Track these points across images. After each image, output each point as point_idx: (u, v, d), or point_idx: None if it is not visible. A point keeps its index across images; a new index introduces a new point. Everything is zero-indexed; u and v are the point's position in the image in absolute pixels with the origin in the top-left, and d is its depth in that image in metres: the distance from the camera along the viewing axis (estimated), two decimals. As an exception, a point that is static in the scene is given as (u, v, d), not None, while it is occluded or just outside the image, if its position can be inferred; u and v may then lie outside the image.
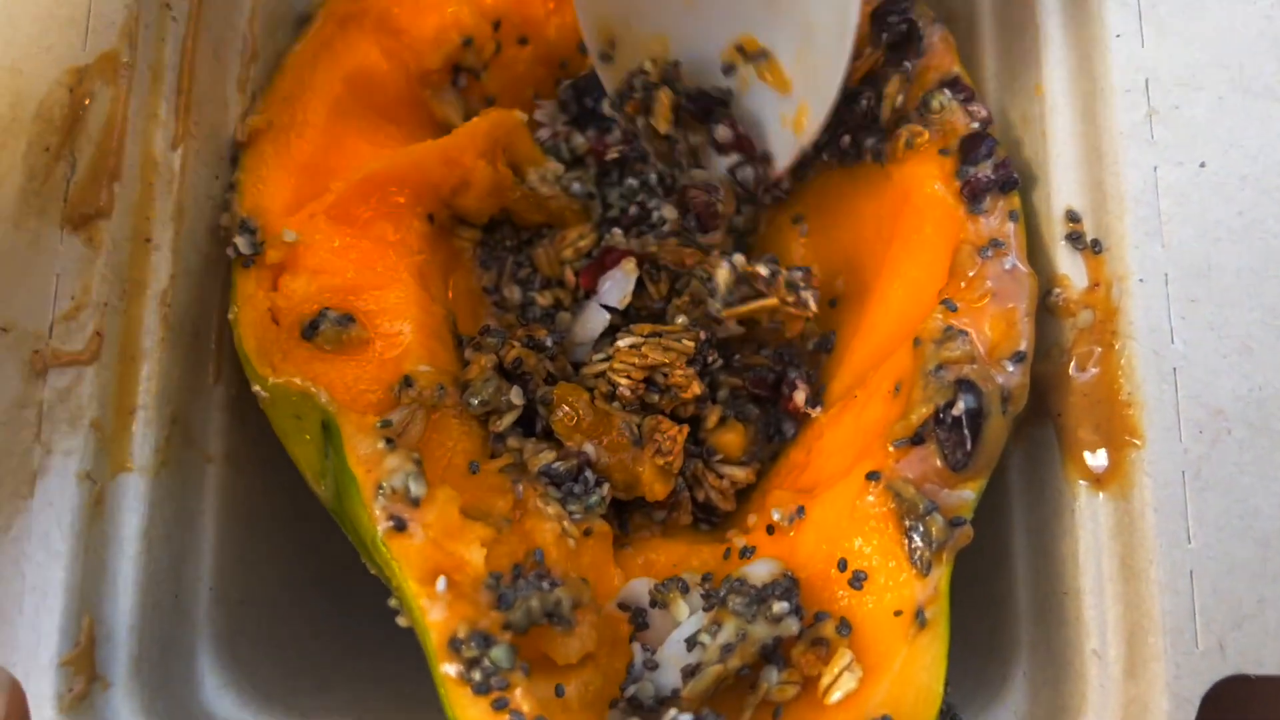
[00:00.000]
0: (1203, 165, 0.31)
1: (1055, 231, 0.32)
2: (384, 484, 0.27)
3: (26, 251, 0.31)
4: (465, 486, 0.29)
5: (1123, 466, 0.30)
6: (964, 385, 0.28)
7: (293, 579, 0.36)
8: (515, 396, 0.32)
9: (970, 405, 0.28)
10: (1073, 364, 0.31)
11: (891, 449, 0.28)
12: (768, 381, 0.35)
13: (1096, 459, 0.30)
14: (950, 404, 0.28)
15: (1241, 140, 0.31)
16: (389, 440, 0.28)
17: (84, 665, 0.29)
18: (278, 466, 0.34)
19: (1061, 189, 0.32)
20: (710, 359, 0.34)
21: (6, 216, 0.31)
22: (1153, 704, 0.28)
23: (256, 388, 0.31)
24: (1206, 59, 0.32)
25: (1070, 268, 0.31)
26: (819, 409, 0.34)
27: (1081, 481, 0.30)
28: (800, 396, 0.34)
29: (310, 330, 0.31)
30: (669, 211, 0.36)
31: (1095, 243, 0.31)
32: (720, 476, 0.33)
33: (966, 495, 0.28)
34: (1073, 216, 0.32)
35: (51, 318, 0.30)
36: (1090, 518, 0.30)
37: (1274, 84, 0.32)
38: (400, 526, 0.27)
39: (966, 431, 0.28)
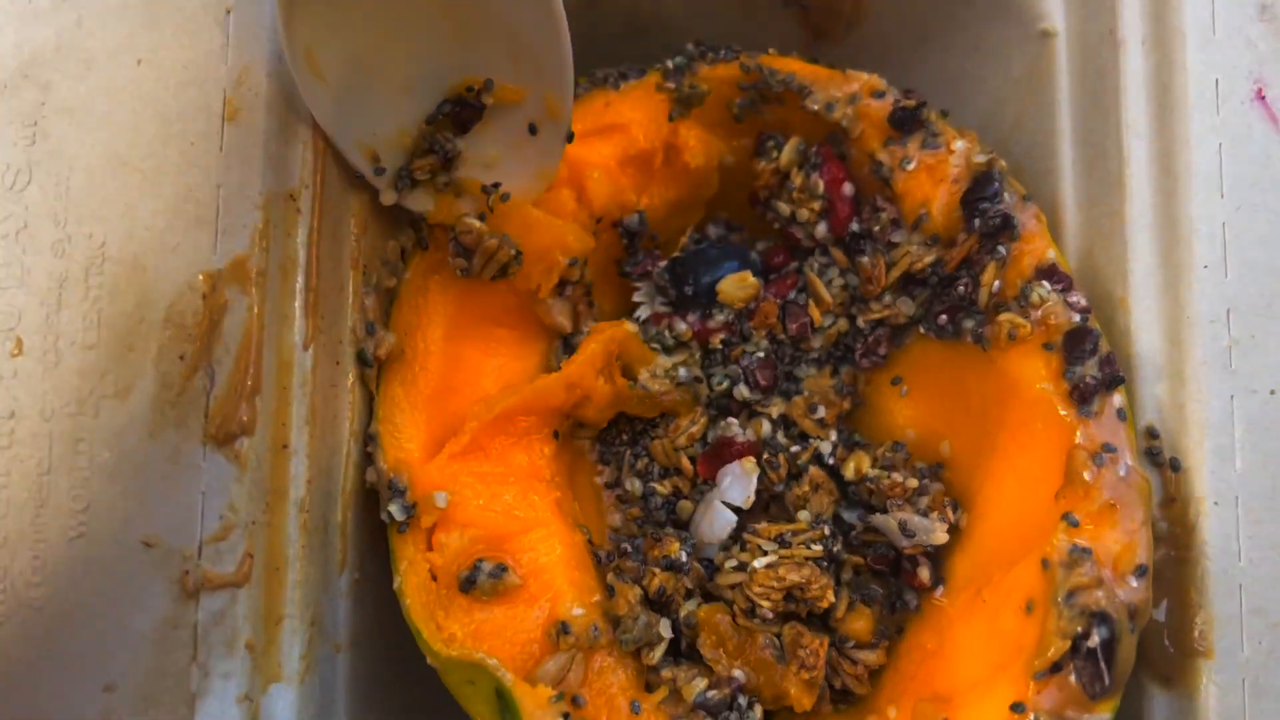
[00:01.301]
0: (1273, 393, 0.34)
1: (1137, 449, 0.34)
2: None
3: (165, 465, 0.31)
4: (630, 730, 0.32)
5: (1190, 672, 0.33)
6: (1097, 618, 0.30)
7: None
8: (664, 630, 0.34)
9: (1104, 636, 0.30)
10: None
11: (1034, 681, 0.31)
12: (889, 558, 0.37)
13: (1167, 660, 0.34)
14: (1085, 635, 0.30)
15: (1305, 366, 0.34)
16: (565, 715, 0.30)
17: None
18: (401, 645, 0.35)
19: (1144, 407, 0.35)
20: (835, 549, 0.36)
21: (141, 425, 0.31)
22: None
23: (429, 659, 0.33)
24: (1280, 287, 0.34)
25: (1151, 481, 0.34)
26: (941, 589, 0.36)
27: (1150, 683, 0.34)
28: (925, 574, 0.36)
29: (468, 584, 0.33)
30: (776, 408, 0.38)
31: (1174, 460, 0.34)
32: (855, 663, 0.36)
33: (1104, 717, 0.31)
34: (1152, 433, 0.34)
35: (200, 537, 0.31)
36: (1156, 713, 0.34)
37: (1338, 317, 0.34)
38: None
39: (1102, 662, 0.30)
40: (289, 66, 0.32)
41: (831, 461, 0.38)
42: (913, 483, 0.36)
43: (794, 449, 0.38)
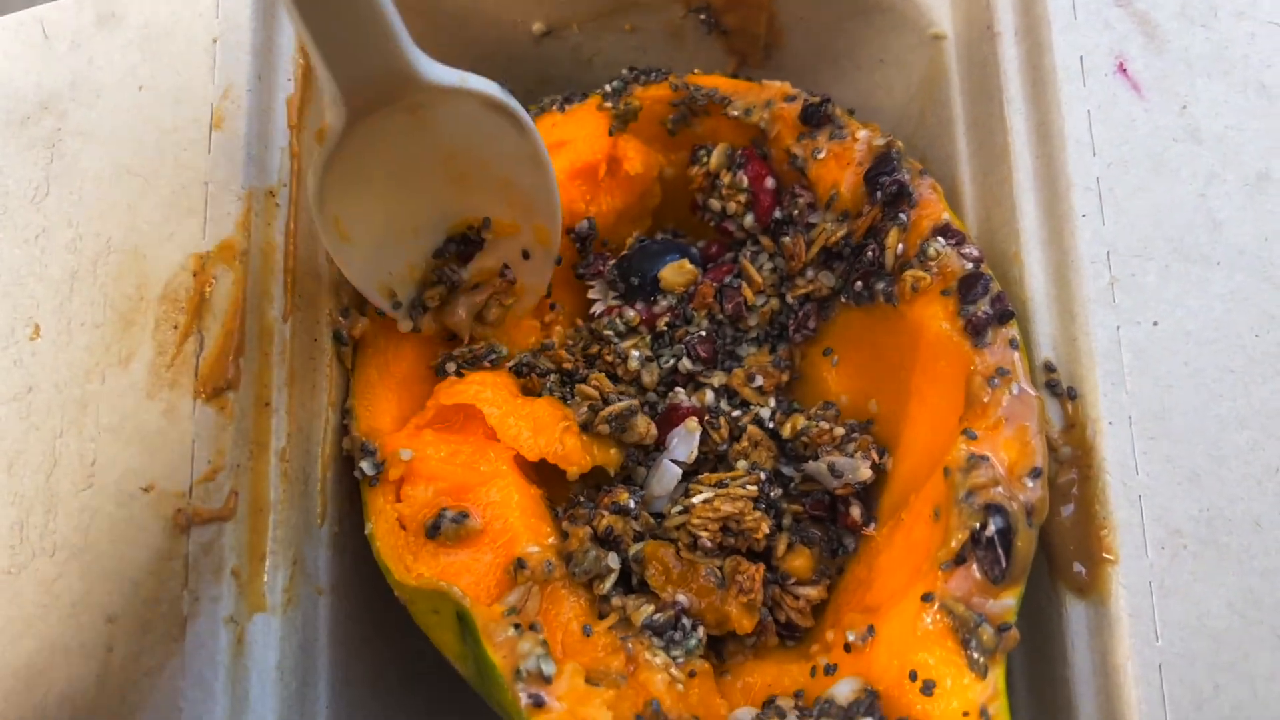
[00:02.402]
0: (1155, 324, 0.37)
1: (1037, 380, 0.38)
2: (520, 668, 0.33)
3: (161, 420, 0.35)
4: (582, 649, 0.35)
5: (1100, 579, 0.36)
6: (992, 509, 0.34)
7: (399, 685, 0.41)
8: (612, 561, 0.37)
9: (1000, 525, 0.33)
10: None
11: (940, 572, 0.34)
12: (825, 503, 0.40)
13: (1077, 571, 0.36)
14: (983, 526, 0.33)
15: (1185, 301, 0.37)
16: (517, 626, 0.34)
17: (236, 788, 0.34)
18: (376, 592, 0.39)
19: (1040, 344, 0.38)
20: (772, 493, 0.39)
21: (140, 387, 0.36)
22: (1133, 777, 0.34)
23: (397, 591, 0.36)
24: (1154, 233, 0.38)
25: (1050, 410, 0.38)
26: (873, 525, 0.39)
27: (1067, 591, 0.37)
28: (856, 512, 0.39)
29: (433, 530, 0.36)
30: (718, 379, 0.42)
31: (1070, 389, 0.37)
32: (796, 598, 0.39)
33: (1008, 603, 0.33)
34: (1049, 367, 0.38)
35: (190, 479, 0.35)
36: (1074, 621, 0.36)
37: (1208, 252, 0.38)
38: (539, 703, 0.32)
39: (1000, 550, 0.33)
40: (320, 234, 0.37)
41: (771, 425, 0.42)
42: (839, 431, 0.40)
43: (735, 414, 0.42)
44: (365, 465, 0.37)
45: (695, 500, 0.38)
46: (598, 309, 0.44)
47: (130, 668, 0.34)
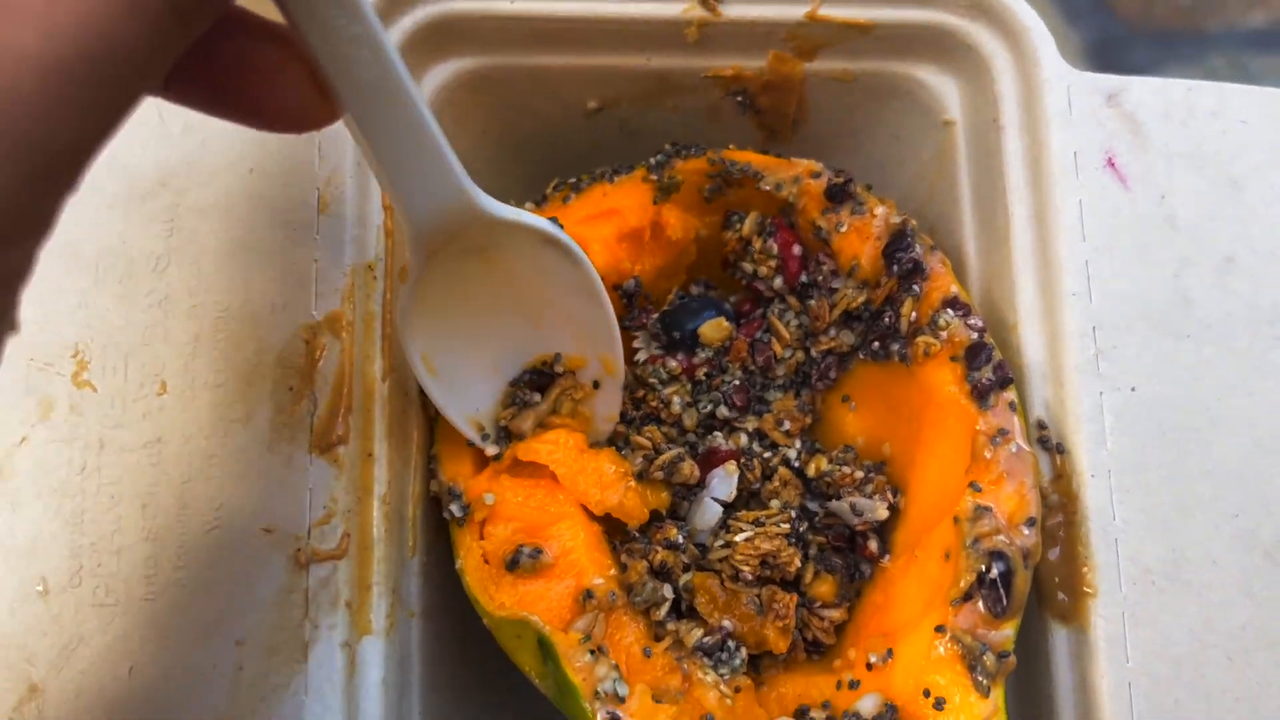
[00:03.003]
0: (1133, 389, 0.44)
1: (1030, 436, 0.44)
2: (599, 689, 0.39)
3: (281, 470, 0.41)
4: (644, 669, 0.41)
5: (1081, 609, 0.42)
6: (995, 555, 0.40)
7: (479, 696, 0.47)
8: (667, 591, 0.43)
9: (1001, 569, 0.40)
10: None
11: (950, 607, 0.40)
12: (845, 535, 0.46)
13: (1061, 600, 0.43)
14: (987, 569, 0.40)
15: (1159, 370, 0.44)
16: (592, 652, 0.39)
17: (351, 788, 0.40)
18: (458, 614, 0.44)
19: (1034, 404, 0.44)
20: (802, 528, 0.46)
21: (261, 441, 0.41)
22: (1104, 780, 0.41)
23: (485, 620, 0.42)
24: (1134, 310, 0.44)
25: (1042, 462, 0.44)
26: (888, 557, 0.45)
27: (1052, 619, 0.43)
28: (874, 545, 0.46)
29: (512, 564, 0.42)
30: (751, 423, 0.48)
31: (1059, 445, 0.44)
32: (821, 619, 0.45)
33: (1007, 633, 0.40)
34: (1041, 425, 0.44)
35: (308, 523, 0.40)
36: (1058, 646, 0.42)
37: (1179, 327, 0.44)
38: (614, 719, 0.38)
39: (1001, 589, 0.40)
40: (414, 372, 0.42)
41: (797, 464, 0.48)
42: (859, 474, 0.46)
43: (766, 455, 0.48)
44: (454, 508, 0.43)
45: (738, 539, 0.44)
46: (641, 357, 0.50)
47: (259, 685, 0.40)
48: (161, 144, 0.44)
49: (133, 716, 0.40)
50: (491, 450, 0.45)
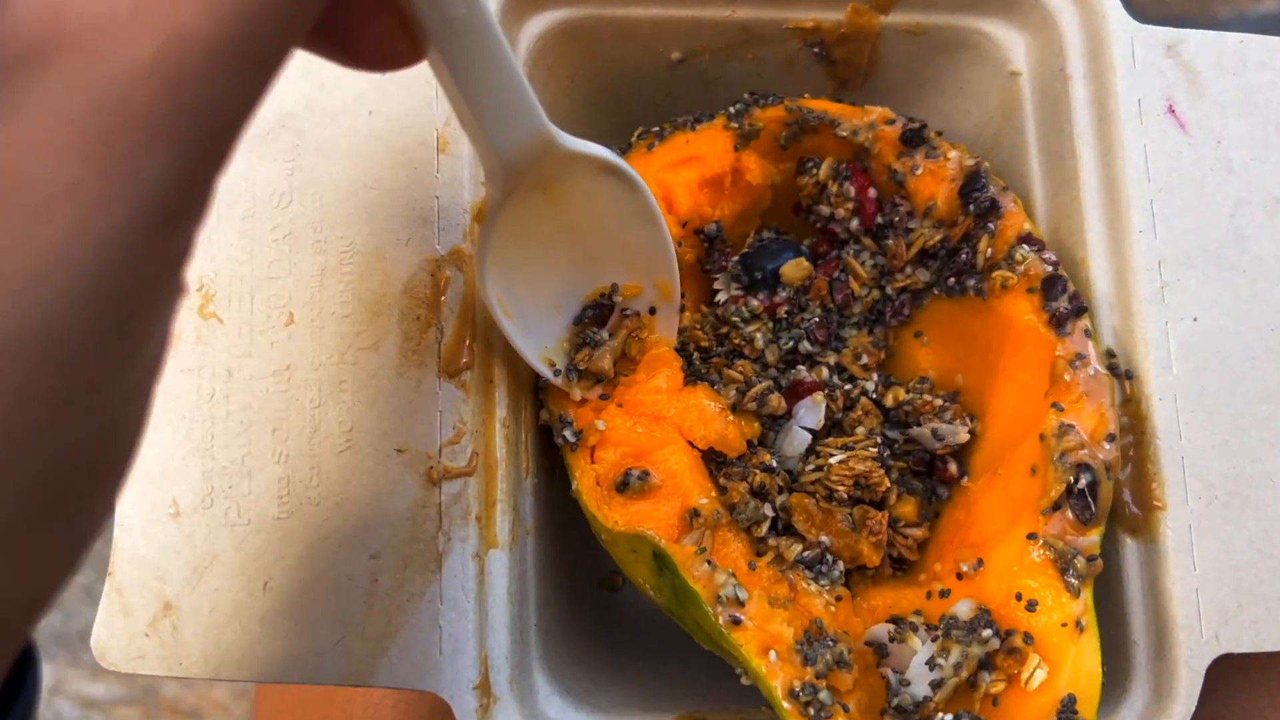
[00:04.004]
0: (1195, 320, 0.47)
1: (1101, 364, 0.47)
2: (720, 594, 0.41)
3: (411, 394, 0.43)
4: (751, 580, 0.43)
5: (1152, 522, 0.45)
6: (1082, 467, 0.43)
7: (577, 602, 0.50)
8: (767, 510, 0.46)
9: (1088, 480, 0.43)
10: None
11: (1041, 516, 0.43)
12: (925, 460, 0.50)
13: (1134, 515, 0.46)
14: (1075, 481, 0.43)
15: (1218, 301, 0.47)
16: (710, 562, 0.42)
17: (485, 688, 0.42)
18: (564, 531, 0.47)
19: (1103, 335, 0.48)
20: (885, 455, 0.48)
21: (391, 367, 0.43)
22: (1176, 674, 0.44)
23: (602, 535, 0.45)
24: (1195, 246, 0.47)
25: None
26: (966, 478, 0.49)
27: (1124, 533, 0.46)
28: (954, 468, 0.49)
29: (622, 486, 0.44)
30: (831, 358, 0.51)
31: (1128, 372, 0.47)
32: (905, 537, 0.48)
33: (1094, 539, 0.43)
34: (1111, 354, 0.47)
35: (439, 442, 0.43)
36: (1129, 556, 0.46)
37: (1236, 261, 0.47)
38: (736, 622, 0.41)
39: (1089, 498, 0.43)
40: (492, 315, 0.43)
41: (875, 396, 0.51)
42: (938, 401, 0.49)
43: (847, 387, 0.51)
44: (567, 434, 0.45)
45: (832, 460, 0.47)
46: (722, 298, 0.53)
47: (395, 594, 0.42)
48: (280, 87, 0.46)
49: (269, 629, 0.42)
50: (563, 384, 0.46)
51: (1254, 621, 0.45)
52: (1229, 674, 0.52)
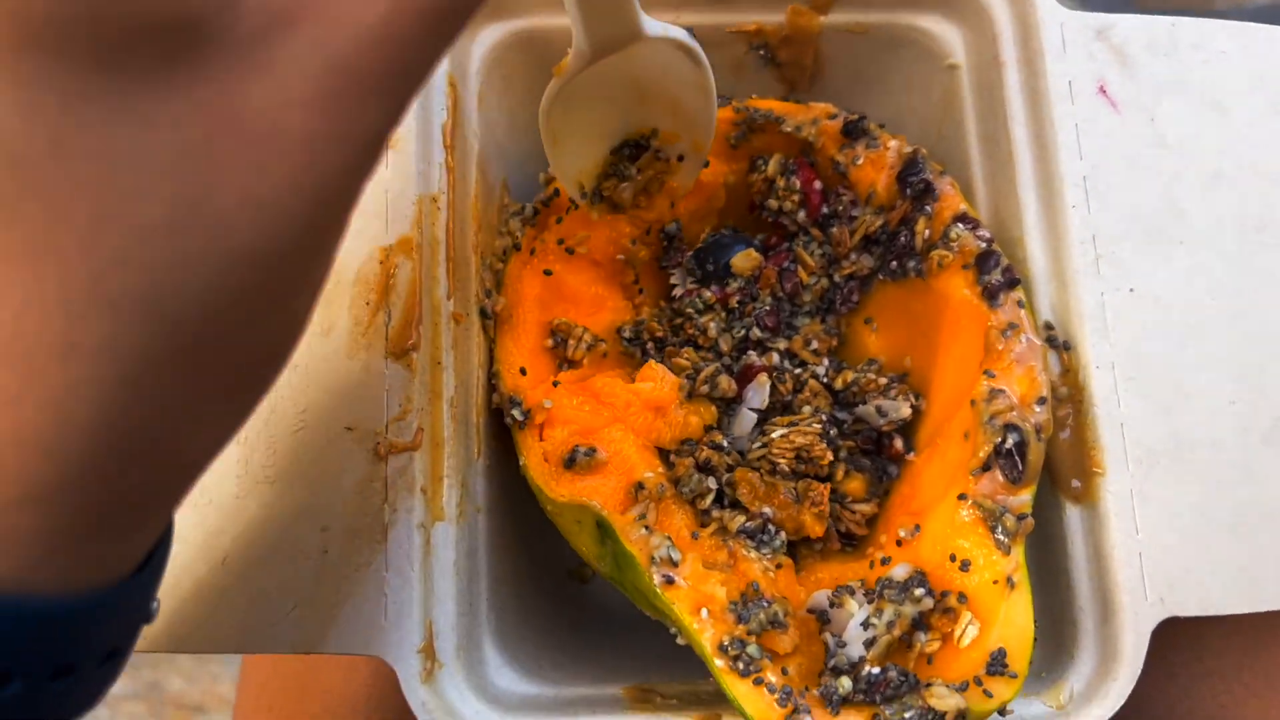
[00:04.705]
0: (1131, 290, 0.48)
1: (1039, 335, 0.48)
2: (654, 555, 0.43)
3: (360, 374, 0.45)
4: (693, 548, 0.44)
5: (1091, 488, 0.46)
6: (1010, 428, 0.44)
7: (539, 586, 0.51)
8: (711, 483, 0.47)
9: (1016, 440, 0.44)
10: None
11: (971, 477, 0.44)
12: (872, 439, 0.51)
13: (1074, 484, 0.46)
14: (1003, 441, 0.44)
15: (1155, 272, 0.48)
16: (647, 527, 0.43)
17: (430, 653, 0.43)
18: (519, 513, 0.49)
19: (1041, 308, 0.48)
20: (832, 433, 0.50)
21: (342, 350, 0.45)
22: (1121, 639, 0.44)
23: (548, 507, 0.46)
24: (1130, 219, 0.48)
25: (1050, 360, 0.48)
26: (912, 453, 0.49)
27: (1065, 499, 0.47)
28: (899, 444, 0.50)
29: (570, 462, 0.45)
30: (781, 344, 0.52)
31: (1066, 343, 0.47)
32: (853, 512, 0.49)
33: (1024, 499, 0.43)
34: (1049, 326, 0.48)
35: (386, 419, 0.45)
36: (1072, 522, 0.46)
37: (1173, 234, 0.48)
38: (670, 581, 0.42)
39: (1017, 458, 0.43)
40: (542, 137, 0.48)
41: (825, 379, 0.52)
42: (883, 381, 0.50)
43: (797, 371, 0.52)
44: (515, 413, 0.47)
45: (774, 435, 0.48)
46: (678, 291, 0.54)
47: (343, 564, 0.44)
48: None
49: (227, 602, 0.44)
50: (582, 202, 0.51)
51: (1199, 584, 0.45)
52: (1187, 662, 0.51)
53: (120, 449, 0.24)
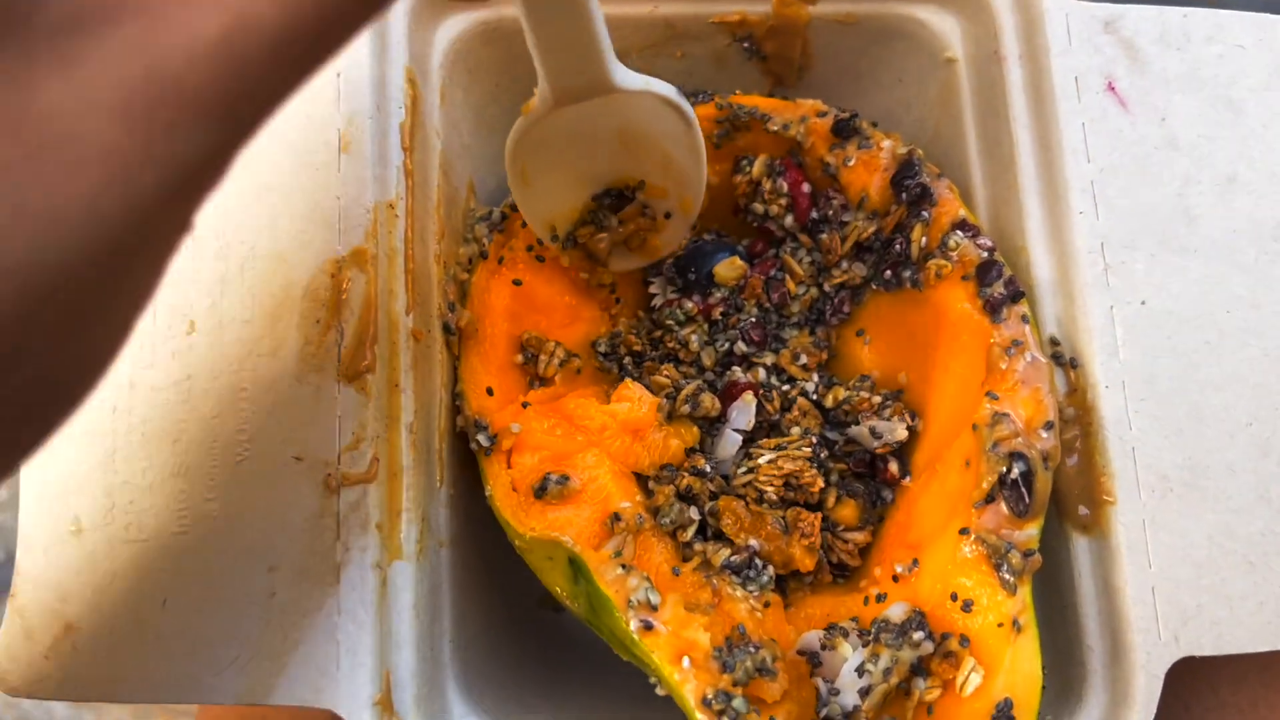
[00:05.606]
0: (1143, 303, 0.44)
1: (1044, 352, 0.45)
2: (631, 599, 0.39)
3: (310, 399, 0.41)
4: (674, 586, 0.41)
5: (1102, 518, 0.43)
6: (1015, 456, 0.40)
7: (508, 616, 0.47)
8: (693, 514, 0.44)
9: (1022, 469, 0.40)
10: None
11: (974, 510, 0.41)
12: (865, 461, 0.47)
13: (1082, 512, 0.43)
14: (1008, 470, 0.40)
15: (1167, 284, 0.44)
16: (624, 566, 0.40)
17: (386, 705, 0.40)
18: (486, 544, 0.45)
19: (1046, 322, 0.45)
20: (823, 455, 0.46)
21: (290, 372, 0.42)
22: (1132, 680, 0.41)
23: (517, 542, 0.43)
24: (1140, 227, 0.45)
25: (1057, 378, 0.44)
26: (908, 478, 0.46)
27: (1073, 530, 0.43)
28: (894, 467, 0.46)
29: (540, 491, 0.42)
30: (768, 358, 0.49)
31: (1072, 360, 0.44)
32: (846, 541, 0.45)
33: (1031, 533, 0.40)
34: (1054, 341, 0.45)
35: (338, 449, 0.41)
36: (1080, 554, 0.43)
37: (1186, 242, 0.45)
38: (648, 627, 0.39)
39: (1023, 489, 0.40)
40: (508, 177, 0.44)
41: (815, 397, 0.48)
42: (877, 399, 0.47)
43: (785, 388, 0.48)
44: (481, 438, 0.43)
45: (761, 461, 0.45)
46: (658, 301, 0.51)
47: (292, 608, 0.40)
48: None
49: (166, 648, 0.40)
50: (555, 248, 0.47)
51: (1216, 622, 0.42)
52: (1200, 694, 0.48)
53: None
